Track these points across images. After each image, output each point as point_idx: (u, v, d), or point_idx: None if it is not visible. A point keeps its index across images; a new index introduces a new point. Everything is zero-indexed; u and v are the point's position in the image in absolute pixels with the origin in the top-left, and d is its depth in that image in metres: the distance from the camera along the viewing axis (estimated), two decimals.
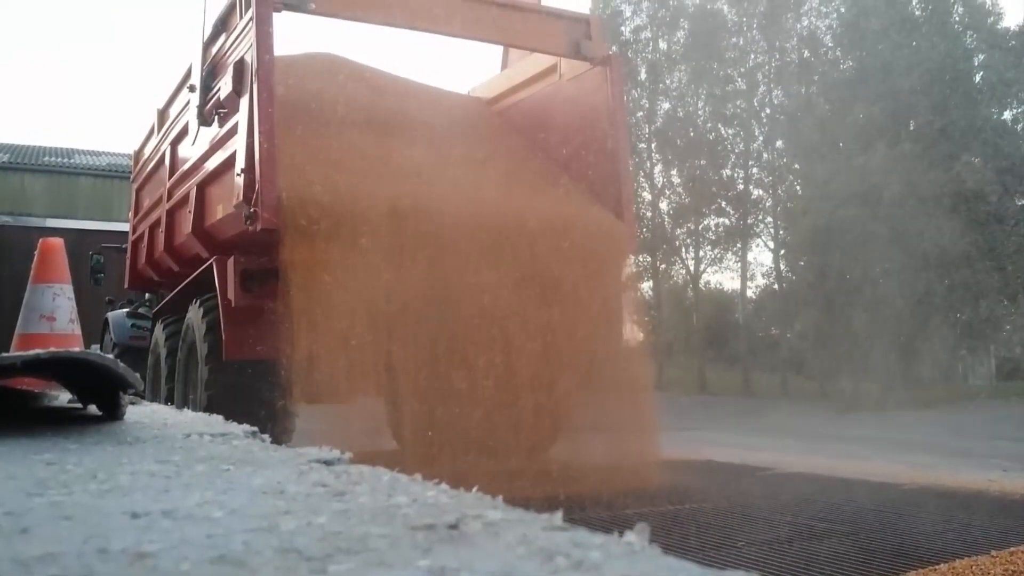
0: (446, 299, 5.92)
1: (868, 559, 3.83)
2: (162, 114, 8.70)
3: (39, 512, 1.33)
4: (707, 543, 4.10)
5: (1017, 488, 5.89)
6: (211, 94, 6.53)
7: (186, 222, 7.13)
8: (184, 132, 7.53)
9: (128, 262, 9.89)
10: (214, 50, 6.63)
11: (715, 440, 10.24)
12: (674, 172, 29.16)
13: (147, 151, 9.49)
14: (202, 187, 6.83)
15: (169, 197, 7.92)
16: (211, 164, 6.64)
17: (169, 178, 8.01)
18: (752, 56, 28.14)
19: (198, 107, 6.65)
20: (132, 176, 10.40)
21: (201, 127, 6.72)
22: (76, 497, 1.47)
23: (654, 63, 28.59)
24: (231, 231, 6.21)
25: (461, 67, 38.32)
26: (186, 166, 7.46)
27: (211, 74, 6.62)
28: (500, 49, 8.11)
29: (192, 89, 6.87)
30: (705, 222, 28.59)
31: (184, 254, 7.56)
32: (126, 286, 10.16)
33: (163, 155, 8.38)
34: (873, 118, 23.25)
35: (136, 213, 9.85)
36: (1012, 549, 3.91)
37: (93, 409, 2.91)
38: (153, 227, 8.60)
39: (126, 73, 75.26)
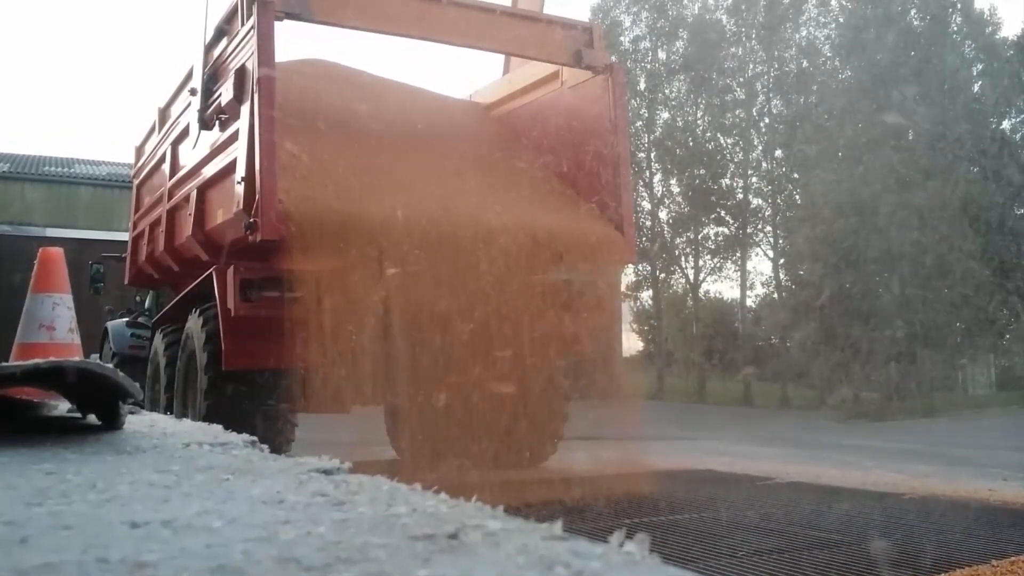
0: (445, 309, 5.91)
1: (868, 569, 3.82)
2: (163, 113, 8.71)
3: (38, 522, 1.33)
4: (708, 553, 4.09)
5: (1018, 497, 5.87)
6: (212, 99, 6.54)
7: (186, 224, 7.13)
8: (185, 133, 7.54)
9: (128, 258, 9.90)
10: (215, 54, 6.64)
11: (715, 449, 10.22)
12: (673, 181, 29.25)
13: (148, 148, 9.50)
14: (202, 190, 6.84)
15: (169, 197, 7.93)
16: (211, 168, 6.64)
17: (170, 178, 8.02)
18: (751, 66, 28.24)
19: (199, 111, 6.66)
20: (133, 172, 10.41)
21: (202, 130, 6.73)
22: (75, 507, 1.47)
23: (653, 73, 28.68)
24: (231, 235, 6.22)
25: (462, 71, 38.38)
26: (186, 168, 7.46)
27: (212, 78, 6.62)
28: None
29: (193, 92, 6.88)
30: (704, 231, 28.65)
31: (184, 255, 7.57)
32: (126, 282, 10.15)
33: (164, 155, 8.37)
34: (872, 128, 23.30)
35: (137, 209, 9.85)
36: (1013, 559, 3.90)
37: (92, 419, 2.91)
38: (153, 225, 8.60)
39: (125, 75, 75.20)
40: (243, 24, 6.02)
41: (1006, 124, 25.15)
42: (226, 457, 2.23)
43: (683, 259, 29.28)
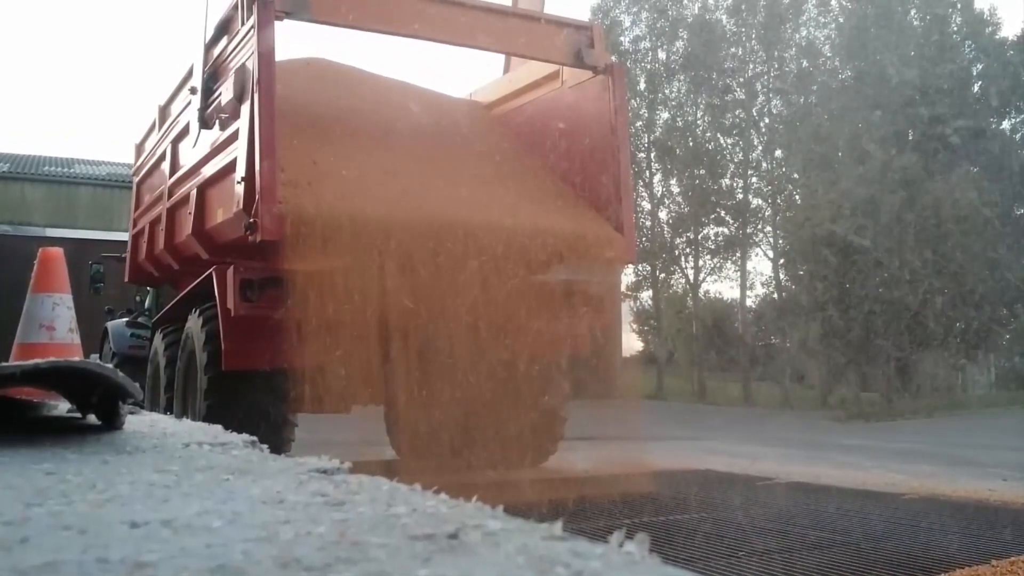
0: (444, 309, 5.92)
1: (868, 569, 3.82)
2: (163, 111, 8.70)
3: (39, 522, 1.33)
4: (708, 553, 4.09)
5: (1017, 497, 5.88)
6: (212, 98, 6.54)
7: (186, 223, 7.13)
8: (185, 132, 7.54)
9: (128, 255, 9.90)
10: (215, 52, 6.64)
11: (715, 450, 10.22)
12: (673, 181, 29.22)
13: (148, 146, 9.50)
14: (202, 189, 6.84)
15: (170, 196, 7.93)
16: (211, 168, 6.64)
17: (170, 176, 8.01)
18: (751, 66, 28.21)
19: (199, 110, 6.66)
20: (133, 169, 10.41)
21: (202, 129, 6.73)
22: (75, 507, 1.47)
23: (653, 73, 28.65)
24: (231, 235, 6.22)
25: (462, 70, 38.42)
26: (186, 167, 7.46)
27: (212, 77, 6.63)
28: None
29: (193, 91, 6.88)
30: (704, 231, 28.62)
31: (184, 253, 7.57)
32: (126, 279, 10.15)
33: (164, 152, 8.36)
34: (872, 127, 23.29)
35: (137, 207, 9.85)
36: (1012, 559, 3.90)
37: (92, 419, 2.91)
38: (153, 223, 8.60)
39: (125, 75, 74.96)
40: (243, 23, 6.02)
41: (1006, 124, 25.15)
42: (226, 457, 2.23)
43: (683, 259, 29.25)
